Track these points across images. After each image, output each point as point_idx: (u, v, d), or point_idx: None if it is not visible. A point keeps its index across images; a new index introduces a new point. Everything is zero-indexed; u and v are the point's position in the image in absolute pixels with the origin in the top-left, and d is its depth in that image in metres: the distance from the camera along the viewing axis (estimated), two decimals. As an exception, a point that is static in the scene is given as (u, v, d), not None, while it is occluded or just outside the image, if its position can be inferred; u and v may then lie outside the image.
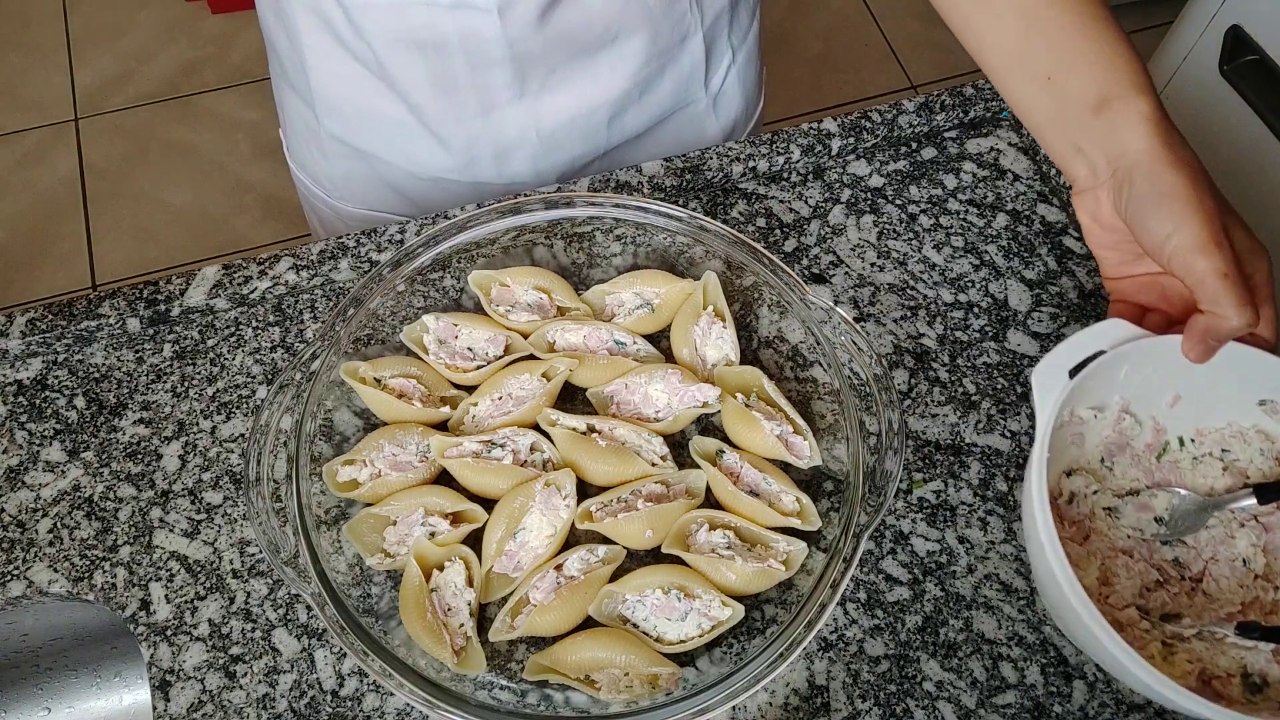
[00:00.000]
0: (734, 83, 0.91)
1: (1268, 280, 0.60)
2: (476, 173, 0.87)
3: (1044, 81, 0.60)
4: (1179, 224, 0.56)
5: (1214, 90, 1.18)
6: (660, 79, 0.84)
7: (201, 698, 0.66)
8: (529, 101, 0.81)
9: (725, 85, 0.90)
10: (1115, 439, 0.71)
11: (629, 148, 0.89)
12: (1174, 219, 0.56)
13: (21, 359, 0.79)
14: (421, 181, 0.89)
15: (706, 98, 0.89)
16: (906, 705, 0.66)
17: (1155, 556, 0.68)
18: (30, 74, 2.28)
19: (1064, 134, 0.61)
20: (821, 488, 0.71)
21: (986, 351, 0.79)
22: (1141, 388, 0.69)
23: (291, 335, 0.79)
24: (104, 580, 0.70)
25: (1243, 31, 1.13)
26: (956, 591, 0.69)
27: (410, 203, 0.92)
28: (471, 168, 0.86)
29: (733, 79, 0.91)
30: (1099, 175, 0.60)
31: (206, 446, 0.75)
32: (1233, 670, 0.63)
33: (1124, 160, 0.58)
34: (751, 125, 0.98)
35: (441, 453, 0.69)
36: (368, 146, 0.87)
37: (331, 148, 0.89)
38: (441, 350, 0.74)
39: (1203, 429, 0.71)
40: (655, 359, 0.75)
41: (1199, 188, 0.56)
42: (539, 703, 0.64)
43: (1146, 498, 0.70)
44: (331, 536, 0.66)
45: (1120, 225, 0.60)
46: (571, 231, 0.77)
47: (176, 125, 2.21)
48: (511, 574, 0.67)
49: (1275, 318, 0.60)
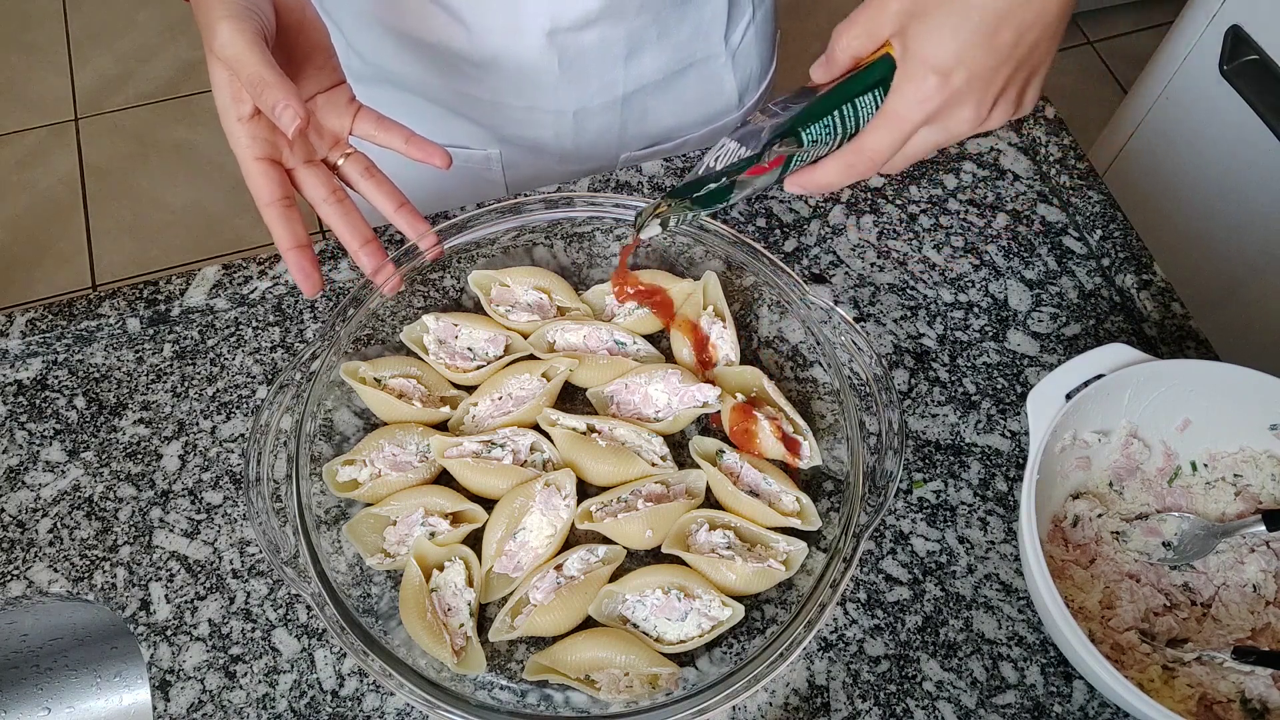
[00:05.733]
0: (752, 40, 0.92)
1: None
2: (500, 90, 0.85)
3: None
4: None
5: (1214, 90, 1.18)
6: (680, 23, 0.84)
7: (201, 698, 0.66)
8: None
9: (744, 42, 0.91)
10: (1124, 463, 0.71)
11: (647, 96, 0.89)
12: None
13: (21, 359, 0.79)
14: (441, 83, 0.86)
15: (725, 53, 0.89)
16: (906, 705, 0.66)
17: (1164, 581, 0.68)
18: (30, 74, 2.28)
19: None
20: (821, 488, 0.70)
21: (986, 351, 0.79)
22: (1149, 412, 0.69)
23: (291, 335, 0.79)
24: (104, 580, 0.70)
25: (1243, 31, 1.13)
26: (956, 591, 0.69)
27: (416, 201, 0.92)
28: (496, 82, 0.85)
29: (751, 36, 0.91)
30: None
31: (206, 446, 0.75)
32: (1232, 695, 0.63)
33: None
34: (764, 87, 0.98)
35: (441, 453, 0.69)
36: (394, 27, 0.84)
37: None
38: (441, 350, 0.74)
39: (1215, 453, 0.71)
40: (655, 359, 0.75)
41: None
42: (539, 703, 0.64)
43: (1154, 522, 0.70)
44: (331, 536, 0.66)
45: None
46: (571, 231, 0.77)
47: (176, 125, 2.21)
48: (511, 574, 0.67)
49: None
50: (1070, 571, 0.68)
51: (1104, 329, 0.80)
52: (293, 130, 0.56)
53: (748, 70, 0.94)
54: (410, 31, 0.82)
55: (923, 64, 0.50)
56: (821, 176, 0.56)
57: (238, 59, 0.56)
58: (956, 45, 0.49)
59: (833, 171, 0.55)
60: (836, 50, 0.54)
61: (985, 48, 0.49)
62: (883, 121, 0.53)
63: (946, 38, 0.49)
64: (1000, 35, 0.49)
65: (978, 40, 0.49)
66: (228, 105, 0.59)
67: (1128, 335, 0.80)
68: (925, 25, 0.50)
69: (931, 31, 0.50)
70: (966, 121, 0.52)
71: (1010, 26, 0.49)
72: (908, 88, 0.51)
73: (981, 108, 0.52)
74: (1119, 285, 0.82)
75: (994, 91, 0.51)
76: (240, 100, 0.59)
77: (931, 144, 0.54)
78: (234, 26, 0.56)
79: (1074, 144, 0.88)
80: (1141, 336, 0.80)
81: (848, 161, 0.55)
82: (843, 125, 0.55)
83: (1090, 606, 0.66)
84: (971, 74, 0.50)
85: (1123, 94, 2.20)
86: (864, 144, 0.54)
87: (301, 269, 0.62)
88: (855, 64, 0.54)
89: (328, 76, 0.64)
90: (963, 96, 0.51)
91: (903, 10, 0.51)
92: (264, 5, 0.59)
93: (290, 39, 0.62)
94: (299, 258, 0.62)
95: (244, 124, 0.59)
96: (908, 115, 0.52)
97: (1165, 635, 0.66)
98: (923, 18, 0.50)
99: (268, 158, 0.61)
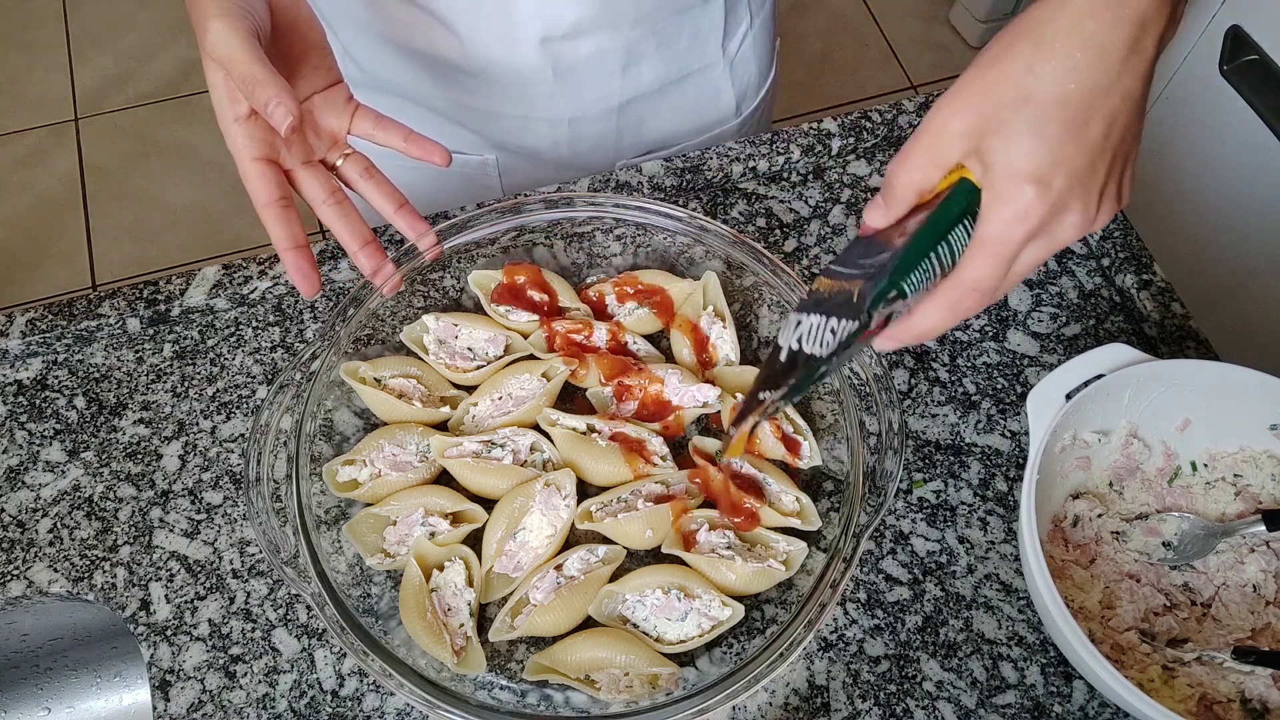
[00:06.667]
0: (749, 49, 0.92)
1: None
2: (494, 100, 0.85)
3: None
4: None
5: (1214, 90, 1.17)
6: (677, 33, 0.84)
7: (201, 698, 0.66)
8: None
9: (741, 50, 0.91)
10: (1124, 463, 0.71)
11: (643, 105, 0.89)
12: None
13: (21, 359, 0.79)
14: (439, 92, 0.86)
15: (723, 61, 0.89)
16: (906, 705, 0.66)
17: (1164, 581, 0.68)
18: (30, 74, 2.28)
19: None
20: (821, 488, 0.70)
21: (986, 351, 0.79)
22: (1149, 412, 0.69)
23: (291, 335, 0.79)
24: (104, 580, 0.70)
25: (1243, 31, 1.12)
26: (956, 591, 0.69)
27: (417, 200, 0.92)
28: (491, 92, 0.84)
29: (748, 45, 0.91)
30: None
31: (206, 446, 0.75)
32: (1232, 695, 0.63)
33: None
34: (762, 95, 0.98)
35: (441, 453, 0.69)
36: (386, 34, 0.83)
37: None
38: (441, 350, 0.74)
39: (1215, 453, 0.71)
40: (655, 359, 0.75)
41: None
42: (539, 703, 0.64)
43: (1154, 522, 0.70)
44: (331, 536, 0.66)
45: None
46: (571, 231, 0.77)
47: (176, 125, 2.20)
48: (511, 574, 0.67)
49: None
50: (1070, 571, 0.68)
51: (1104, 329, 0.80)
52: (285, 127, 0.55)
53: (746, 78, 0.94)
54: (404, 41, 0.82)
55: (1015, 178, 0.45)
56: (923, 324, 0.50)
57: (230, 58, 0.56)
58: (1048, 148, 0.45)
59: (936, 316, 0.50)
60: (897, 188, 0.49)
61: (1077, 144, 0.45)
62: (982, 249, 0.47)
63: (1033, 143, 0.45)
64: (1090, 129, 0.45)
65: (1068, 138, 0.45)
66: (224, 105, 0.59)
67: (1128, 335, 0.80)
68: (1005, 137, 0.45)
69: (1014, 141, 0.45)
70: (1074, 227, 0.47)
71: (1098, 118, 0.45)
72: (1003, 207, 0.46)
73: (1089, 208, 0.47)
74: (1119, 285, 0.82)
75: (1097, 187, 0.47)
76: (236, 100, 0.58)
77: (1037, 260, 0.48)
78: (226, 25, 0.56)
79: (1074, 144, 0.88)
80: (1141, 336, 0.80)
81: (951, 300, 0.49)
82: (940, 266, 0.49)
83: (1090, 606, 0.66)
84: (1070, 175, 0.46)
85: (1123, 94, 2.20)
86: (964, 278, 0.48)
87: (299, 270, 0.62)
88: (920, 198, 0.49)
89: (324, 76, 0.64)
90: (1066, 201, 0.46)
91: (971, 129, 0.46)
92: (258, 4, 0.58)
93: (286, 38, 0.62)
94: (297, 258, 0.61)
95: (241, 124, 0.59)
96: (1009, 236, 0.47)
97: (1165, 635, 0.66)
98: (999, 130, 0.46)
99: (265, 158, 0.60)
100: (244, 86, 0.56)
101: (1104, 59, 0.45)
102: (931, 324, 0.50)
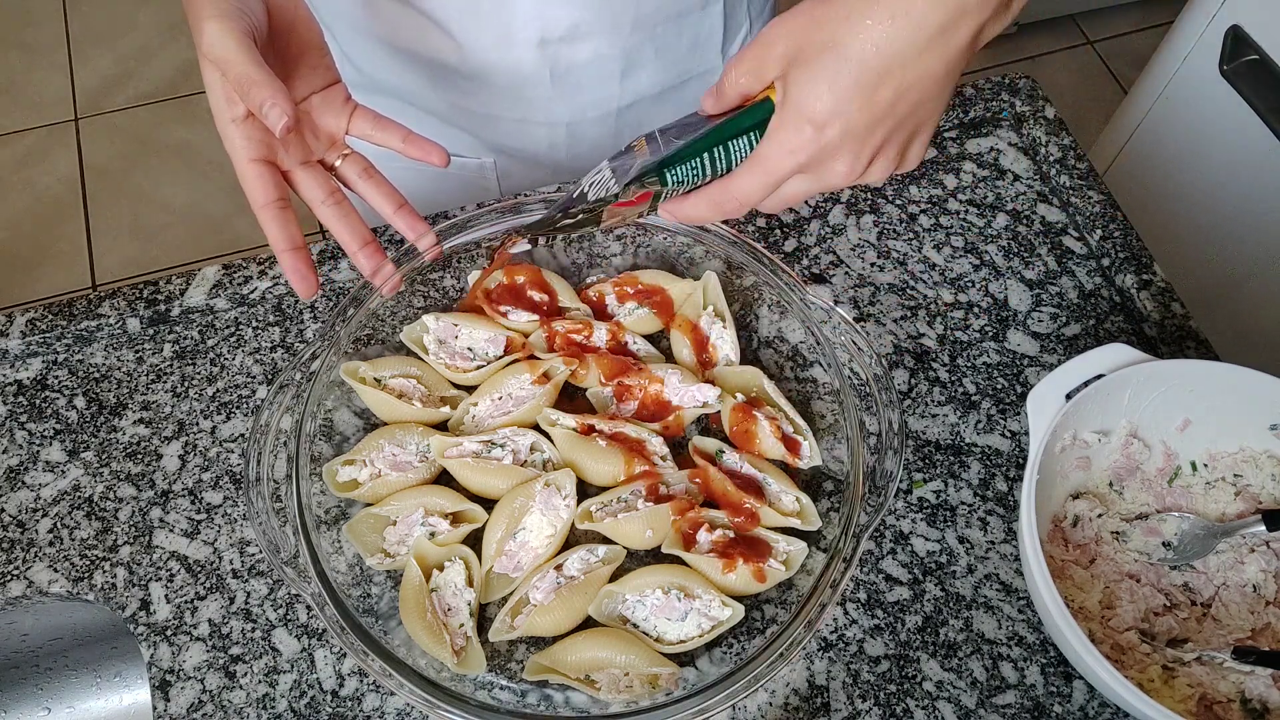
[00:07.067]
0: None
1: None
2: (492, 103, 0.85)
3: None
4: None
5: (1214, 90, 1.17)
6: (676, 39, 0.83)
7: (201, 698, 0.66)
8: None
9: None
10: (1124, 463, 0.71)
11: (642, 110, 0.89)
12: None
13: (21, 359, 0.79)
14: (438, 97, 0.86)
15: (723, 66, 0.89)
16: (906, 705, 0.66)
17: (1164, 581, 0.68)
18: (30, 74, 2.28)
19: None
20: (821, 488, 0.70)
21: (986, 351, 0.79)
22: (1149, 412, 0.69)
23: (291, 335, 0.79)
24: (104, 580, 0.70)
25: (1243, 31, 1.12)
26: (956, 591, 0.69)
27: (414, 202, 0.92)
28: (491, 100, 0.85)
29: None
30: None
31: (206, 446, 0.75)
32: (1232, 695, 0.63)
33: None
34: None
35: (441, 453, 0.69)
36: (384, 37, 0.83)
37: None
38: (441, 350, 0.74)
39: (1215, 453, 0.71)
40: (655, 359, 0.75)
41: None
42: (539, 703, 0.64)
43: (1154, 522, 0.70)
44: (331, 536, 0.66)
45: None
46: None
47: (176, 125, 2.21)
48: (511, 574, 0.67)
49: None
50: (1070, 571, 0.68)
51: (1104, 329, 0.80)
52: (280, 128, 0.55)
53: None
54: (401, 43, 0.81)
55: (798, 113, 0.49)
56: (690, 210, 0.56)
57: (225, 59, 0.56)
58: (834, 99, 0.48)
59: (701, 207, 0.55)
60: (725, 85, 0.53)
61: (863, 104, 0.48)
62: (754, 165, 0.52)
63: (824, 90, 0.48)
64: (879, 93, 0.48)
65: (855, 96, 0.48)
66: (221, 107, 0.59)
67: (1128, 335, 0.80)
68: (805, 74, 0.49)
69: (810, 82, 0.48)
70: (840, 175, 0.51)
71: (890, 85, 0.48)
72: (781, 135, 0.50)
73: (857, 163, 0.51)
74: (1119, 285, 0.82)
75: (871, 148, 0.51)
76: (233, 102, 0.58)
77: (803, 192, 0.53)
78: (221, 26, 0.56)
79: (1074, 144, 0.88)
80: (1141, 336, 0.80)
81: (715, 199, 0.54)
82: (713, 167, 0.54)
83: (1090, 606, 0.66)
84: (847, 129, 0.49)
85: (1123, 94, 2.20)
86: (733, 185, 0.53)
87: (297, 271, 0.61)
88: (743, 100, 0.53)
89: (321, 76, 0.64)
90: (836, 150, 0.50)
91: (786, 55, 0.49)
92: (255, 5, 0.58)
93: (283, 38, 0.62)
94: (294, 260, 0.61)
95: (238, 125, 0.59)
96: (779, 163, 0.51)
97: (1165, 635, 0.66)
98: (803, 66, 0.49)
99: (263, 159, 0.60)
100: (239, 87, 0.56)
101: (913, 34, 0.47)
102: (696, 213, 0.56)
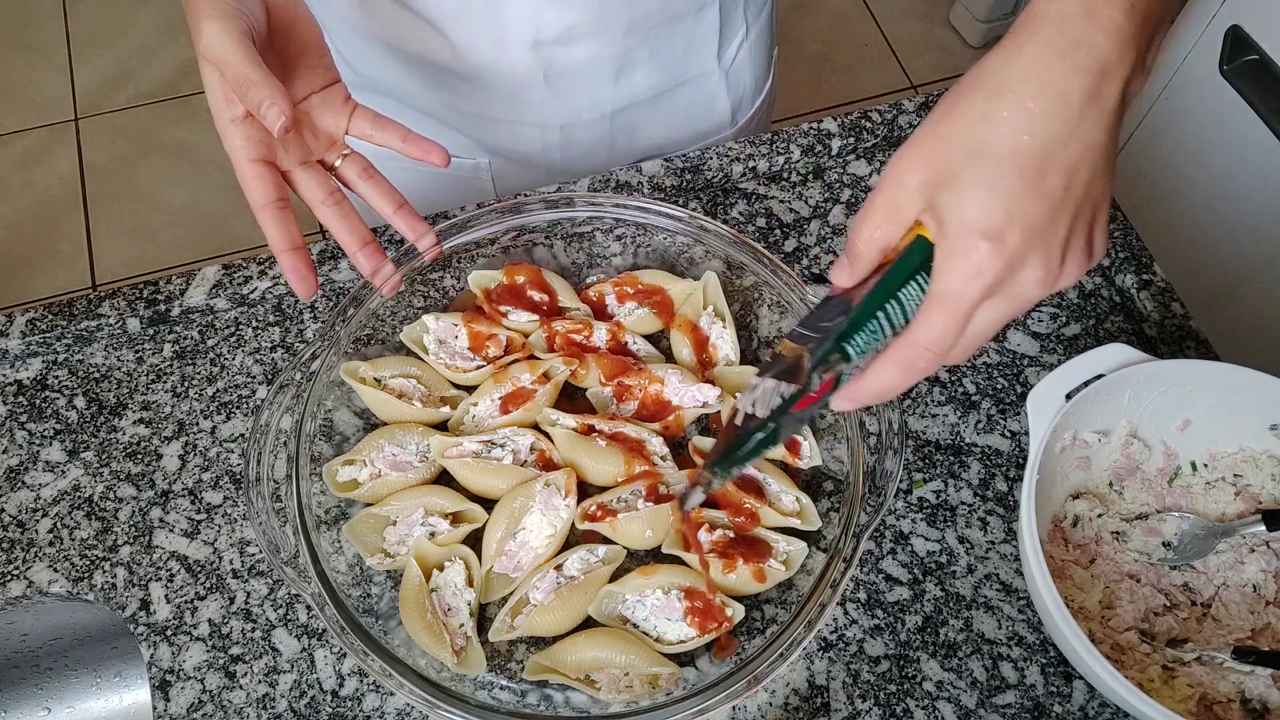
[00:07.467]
0: (746, 57, 0.91)
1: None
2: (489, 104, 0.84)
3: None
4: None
5: (1214, 90, 1.18)
6: (671, 42, 0.83)
7: (201, 698, 0.66)
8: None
9: (737, 59, 0.90)
10: (1124, 463, 0.71)
11: (637, 112, 0.89)
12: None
13: (21, 359, 0.79)
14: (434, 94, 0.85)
15: (719, 70, 0.89)
16: (906, 705, 0.66)
17: (1164, 581, 0.68)
18: (30, 74, 2.28)
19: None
20: (821, 488, 0.70)
21: (986, 351, 0.79)
22: (1149, 412, 0.69)
23: (291, 335, 0.79)
24: (104, 580, 0.70)
25: (1243, 31, 1.12)
26: (956, 591, 0.69)
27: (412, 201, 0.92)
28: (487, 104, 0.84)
29: (744, 54, 0.91)
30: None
31: (206, 446, 0.75)
32: (1232, 695, 0.63)
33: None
34: (759, 102, 0.98)
35: (441, 453, 0.69)
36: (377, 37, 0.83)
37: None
38: (441, 350, 0.74)
39: (1215, 453, 0.71)
40: (655, 359, 0.75)
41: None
42: (539, 703, 0.64)
43: (1154, 522, 0.70)
44: (331, 536, 0.66)
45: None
46: (571, 231, 0.77)
47: (176, 125, 2.20)
48: (511, 574, 0.67)
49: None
50: (1070, 571, 0.68)
51: (1104, 329, 0.80)
52: (278, 128, 0.55)
53: (741, 87, 0.93)
54: (396, 43, 0.81)
55: (967, 233, 0.43)
56: (874, 384, 0.48)
57: (224, 59, 0.55)
58: (1003, 202, 0.43)
59: (889, 376, 0.47)
60: (858, 245, 0.47)
61: (1035, 198, 0.43)
62: (934, 307, 0.45)
63: (986, 197, 0.43)
64: (1047, 181, 0.43)
65: (1024, 192, 0.43)
66: (220, 107, 0.59)
67: (1128, 335, 0.80)
68: (957, 191, 0.43)
69: (967, 195, 0.43)
70: (1034, 283, 0.45)
71: (1056, 169, 0.43)
72: (955, 263, 0.44)
73: (1051, 264, 0.44)
74: (1119, 285, 0.82)
75: (1059, 243, 0.44)
76: (232, 102, 0.58)
77: (995, 321, 0.46)
78: (220, 26, 0.55)
79: (1074, 144, 0.88)
80: (1141, 336, 0.80)
81: (902, 360, 0.47)
82: (890, 325, 0.47)
83: (1090, 606, 0.66)
84: (1028, 230, 0.43)
85: (1123, 94, 2.20)
86: (918, 337, 0.46)
87: (296, 271, 0.61)
88: (884, 256, 0.47)
89: (321, 76, 0.64)
90: (1024, 257, 0.44)
91: (925, 184, 0.44)
92: (253, 5, 0.58)
93: (282, 38, 0.62)
94: (294, 260, 0.61)
95: (237, 125, 0.59)
96: (962, 293, 0.44)
97: (1165, 635, 0.66)
98: (951, 186, 0.44)
99: (262, 159, 0.60)
100: (238, 87, 0.56)
101: (1061, 108, 0.43)
102: (884, 384, 0.48)
